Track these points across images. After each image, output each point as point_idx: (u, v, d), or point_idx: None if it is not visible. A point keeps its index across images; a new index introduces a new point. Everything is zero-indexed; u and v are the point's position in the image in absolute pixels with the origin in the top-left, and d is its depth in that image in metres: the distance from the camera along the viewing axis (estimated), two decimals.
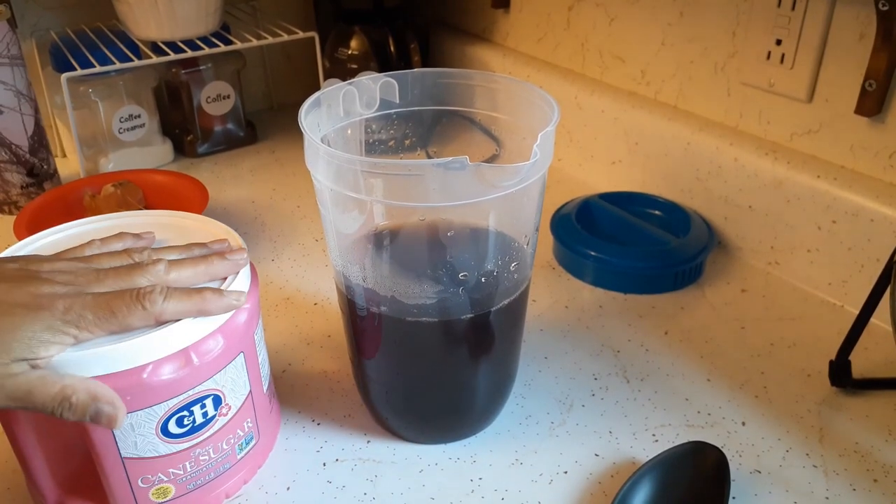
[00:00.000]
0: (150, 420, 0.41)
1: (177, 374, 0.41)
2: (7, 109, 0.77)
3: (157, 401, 0.41)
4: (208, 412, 0.44)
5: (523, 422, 0.54)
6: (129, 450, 0.42)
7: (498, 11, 1.00)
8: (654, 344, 0.61)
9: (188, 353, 0.42)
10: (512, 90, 0.50)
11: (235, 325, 0.44)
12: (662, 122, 0.77)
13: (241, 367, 0.45)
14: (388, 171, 0.42)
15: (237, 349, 0.45)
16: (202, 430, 0.44)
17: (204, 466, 0.45)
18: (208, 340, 0.43)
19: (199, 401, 0.43)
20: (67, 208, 0.72)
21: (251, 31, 0.92)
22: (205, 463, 0.45)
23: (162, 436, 0.42)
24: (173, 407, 0.42)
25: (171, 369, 0.41)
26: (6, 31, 0.75)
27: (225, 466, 0.47)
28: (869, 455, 0.50)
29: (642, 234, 0.71)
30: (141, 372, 0.40)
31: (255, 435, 0.48)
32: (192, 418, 0.43)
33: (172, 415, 0.42)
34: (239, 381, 0.45)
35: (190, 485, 0.45)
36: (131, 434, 0.41)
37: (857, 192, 0.62)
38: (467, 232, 0.45)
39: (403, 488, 0.48)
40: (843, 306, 0.65)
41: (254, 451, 0.49)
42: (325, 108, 0.48)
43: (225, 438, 0.46)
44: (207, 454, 0.45)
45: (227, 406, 0.45)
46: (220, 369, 0.43)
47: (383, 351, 0.48)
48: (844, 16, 0.62)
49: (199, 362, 0.42)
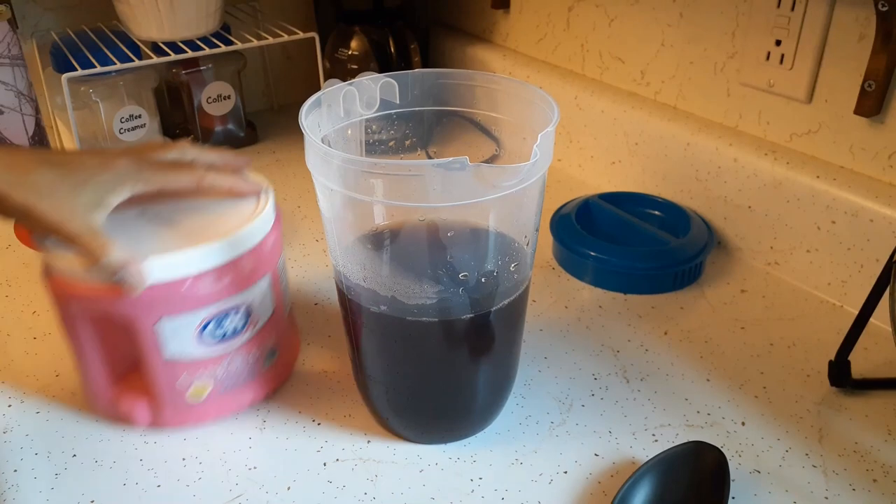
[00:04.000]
0: (189, 326, 0.48)
1: (213, 287, 0.48)
2: (8, 110, 0.77)
3: (196, 307, 0.48)
4: (238, 324, 0.50)
5: (523, 422, 0.54)
6: (171, 353, 0.49)
7: (498, 12, 1.00)
8: (654, 344, 0.61)
9: (224, 268, 0.48)
10: (512, 91, 0.50)
11: (263, 250, 0.51)
12: (662, 123, 0.78)
13: (267, 288, 0.52)
14: (389, 172, 0.42)
15: (264, 270, 0.51)
16: (233, 339, 0.51)
17: (233, 372, 0.52)
18: (241, 259, 0.49)
19: (230, 313, 0.50)
20: None
21: (251, 31, 0.92)
22: (234, 369, 0.52)
23: (200, 341, 0.49)
24: (209, 316, 0.49)
25: (209, 282, 0.48)
26: (7, 32, 0.75)
27: (251, 375, 0.54)
28: (868, 455, 0.50)
29: (642, 234, 0.71)
30: (183, 283, 0.47)
31: (278, 351, 0.55)
32: (225, 327, 0.50)
33: (209, 323, 0.49)
34: (265, 300, 0.52)
35: (221, 389, 0.52)
36: (173, 338, 0.48)
37: (856, 192, 0.62)
38: (467, 232, 0.45)
39: (404, 488, 0.49)
40: (843, 306, 0.65)
41: (276, 366, 0.55)
42: (326, 108, 0.49)
43: (251, 350, 0.53)
44: (236, 362, 0.52)
45: (255, 321, 0.52)
46: (249, 286, 0.50)
47: (383, 351, 0.49)
48: (844, 16, 0.62)
49: (233, 278, 0.49)
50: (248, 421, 0.54)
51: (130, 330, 0.48)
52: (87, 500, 0.48)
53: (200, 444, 0.52)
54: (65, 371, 0.59)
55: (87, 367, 0.52)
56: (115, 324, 0.48)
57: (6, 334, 0.64)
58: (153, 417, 0.52)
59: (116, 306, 0.47)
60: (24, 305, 0.67)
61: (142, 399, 0.52)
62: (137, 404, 0.52)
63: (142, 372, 0.50)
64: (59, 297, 0.49)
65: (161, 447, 0.52)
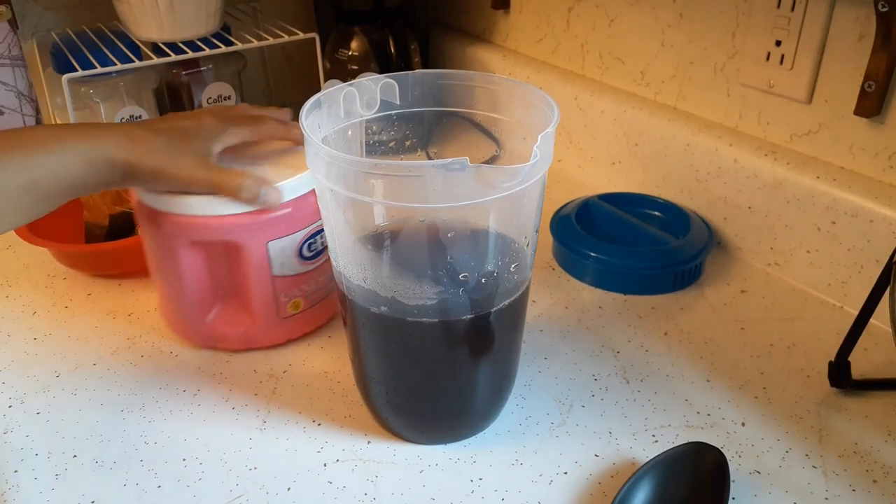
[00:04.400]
0: (293, 244, 0.56)
1: (308, 209, 0.56)
2: (8, 110, 0.77)
3: (299, 228, 0.56)
4: (323, 242, 0.58)
5: (523, 422, 0.54)
6: (278, 269, 0.57)
7: (498, 12, 1.00)
8: (654, 345, 0.61)
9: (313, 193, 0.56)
10: (512, 91, 0.50)
11: None
12: (662, 123, 0.78)
13: None
14: (389, 173, 0.42)
15: None
16: (320, 257, 0.59)
17: (319, 288, 0.60)
18: None
19: (318, 233, 0.58)
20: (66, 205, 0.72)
21: (252, 31, 0.92)
22: (319, 286, 0.60)
23: (300, 257, 0.57)
24: (306, 234, 0.57)
25: (306, 205, 0.56)
26: (7, 32, 0.75)
27: (328, 292, 0.61)
28: (868, 456, 0.50)
29: (642, 234, 0.71)
30: (289, 206, 0.56)
31: None
32: (316, 245, 0.58)
33: (306, 240, 0.56)
34: None
35: (311, 302, 0.60)
36: (280, 256, 0.56)
37: (856, 192, 0.62)
38: (467, 233, 0.45)
39: (404, 489, 0.49)
40: (843, 307, 0.65)
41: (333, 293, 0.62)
42: (326, 109, 0.49)
43: (325, 270, 0.60)
44: (320, 278, 0.60)
45: None
46: None
47: (383, 351, 0.49)
48: (844, 17, 0.62)
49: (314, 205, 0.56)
50: (248, 421, 0.54)
51: (242, 252, 0.56)
52: (88, 500, 0.48)
53: (200, 444, 0.52)
54: (65, 371, 0.59)
55: (187, 297, 0.59)
56: (221, 252, 0.57)
57: (6, 334, 0.64)
58: (248, 337, 0.60)
59: (234, 233, 0.55)
60: (24, 305, 0.67)
61: (238, 320, 0.59)
62: (233, 326, 0.60)
63: (245, 293, 0.58)
64: (167, 234, 0.56)
65: (161, 447, 0.52)
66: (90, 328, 0.64)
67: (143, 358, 0.61)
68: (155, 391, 0.57)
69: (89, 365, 0.60)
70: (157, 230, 0.56)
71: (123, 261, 0.70)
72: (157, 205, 0.56)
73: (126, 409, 0.55)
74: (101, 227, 0.74)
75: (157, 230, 0.57)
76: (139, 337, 0.63)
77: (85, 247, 0.71)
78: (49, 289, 0.69)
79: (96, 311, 0.66)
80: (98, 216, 0.73)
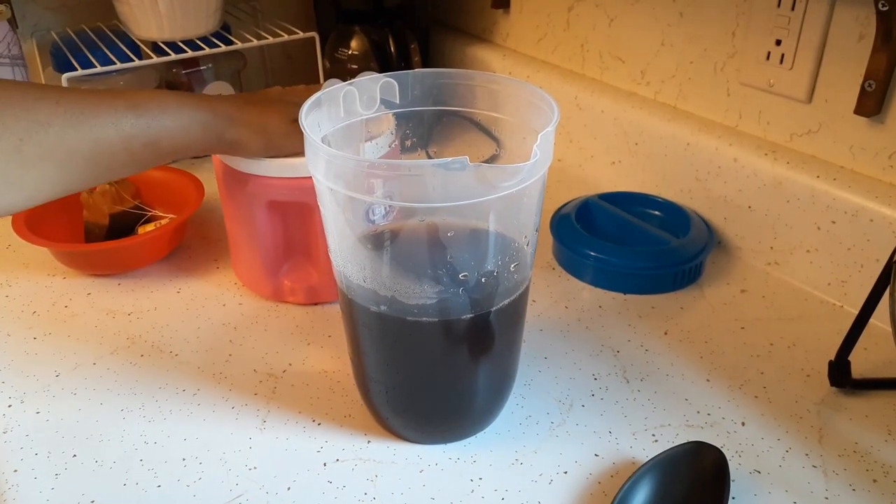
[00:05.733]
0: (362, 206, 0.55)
1: None
2: None
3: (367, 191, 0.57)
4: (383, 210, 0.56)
5: (523, 422, 0.54)
6: None
7: (498, 12, 1.00)
8: (654, 344, 0.61)
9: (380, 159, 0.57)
10: (512, 90, 0.50)
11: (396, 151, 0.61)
12: (662, 123, 0.78)
13: None
14: (389, 172, 0.42)
15: None
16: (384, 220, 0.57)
17: None
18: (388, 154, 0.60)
19: None
20: (66, 205, 0.72)
21: (251, 31, 0.92)
22: None
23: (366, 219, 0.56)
24: None
25: None
26: (7, 32, 0.75)
27: None
28: (868, 455, 0.50)
29: (642, 234, 0.71)
30: None
31: None
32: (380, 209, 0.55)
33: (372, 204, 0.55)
34: None
35: None
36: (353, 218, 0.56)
37: (856, 192, 0.62)
38: (467, 232, 0.45)
39: (404, 488, 0.49)
40: (843, 306, 0.65)
41: None
42: (326, 108, 0.49)
43: None
44: None
45: None
46: None
47: (383, 351, 0.49)
48: (844, 16, 0.62)
49: None
50: (247, 420, 0.54)
51: (314, 213, 0.58)
52: (87, 500, 0.48)
53: (200, 444, 0.52)
54: (64, 370, 0.59)
55: (262, 253, 0.64)
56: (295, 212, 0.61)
57: (6, 334, 0.64)
58: (314, 291, 0.65)
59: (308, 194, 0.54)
60: (24, 305, 0.67)
61: (306, 276, 0.65)
62: (301, 281, 0.65)
63: (314, 251, 0.63)
64: (248, 194, 0.61)
65: (161, 447, 0.52)
66: (90, 328, 0.64)
67: (142, 357, 0.61)
68: (155, 391, 0.57)
69: (89, 364, 0.60)
70: (241, 190, 0.62)
71: (123, 261, 0.70)
72: (240, 167, 0.60)
73: (126, 408, 0.55)
74: (100, 226, 0.74)
75: (240, 190, 0.62)
76: (139, 336, 0.63)
77: (85, 246, 0.71)
78: (49, 289, 0.69)
79: (96, 310, 0.66)
80: (98, 216, 0.73)
